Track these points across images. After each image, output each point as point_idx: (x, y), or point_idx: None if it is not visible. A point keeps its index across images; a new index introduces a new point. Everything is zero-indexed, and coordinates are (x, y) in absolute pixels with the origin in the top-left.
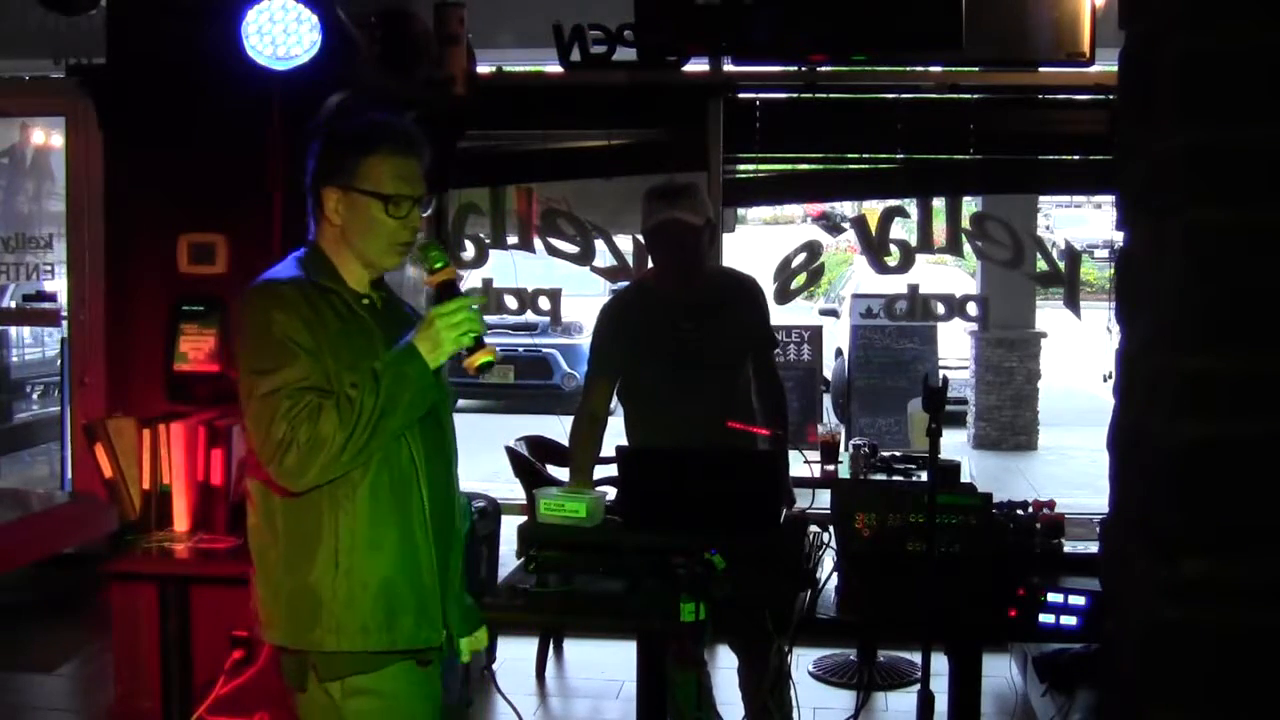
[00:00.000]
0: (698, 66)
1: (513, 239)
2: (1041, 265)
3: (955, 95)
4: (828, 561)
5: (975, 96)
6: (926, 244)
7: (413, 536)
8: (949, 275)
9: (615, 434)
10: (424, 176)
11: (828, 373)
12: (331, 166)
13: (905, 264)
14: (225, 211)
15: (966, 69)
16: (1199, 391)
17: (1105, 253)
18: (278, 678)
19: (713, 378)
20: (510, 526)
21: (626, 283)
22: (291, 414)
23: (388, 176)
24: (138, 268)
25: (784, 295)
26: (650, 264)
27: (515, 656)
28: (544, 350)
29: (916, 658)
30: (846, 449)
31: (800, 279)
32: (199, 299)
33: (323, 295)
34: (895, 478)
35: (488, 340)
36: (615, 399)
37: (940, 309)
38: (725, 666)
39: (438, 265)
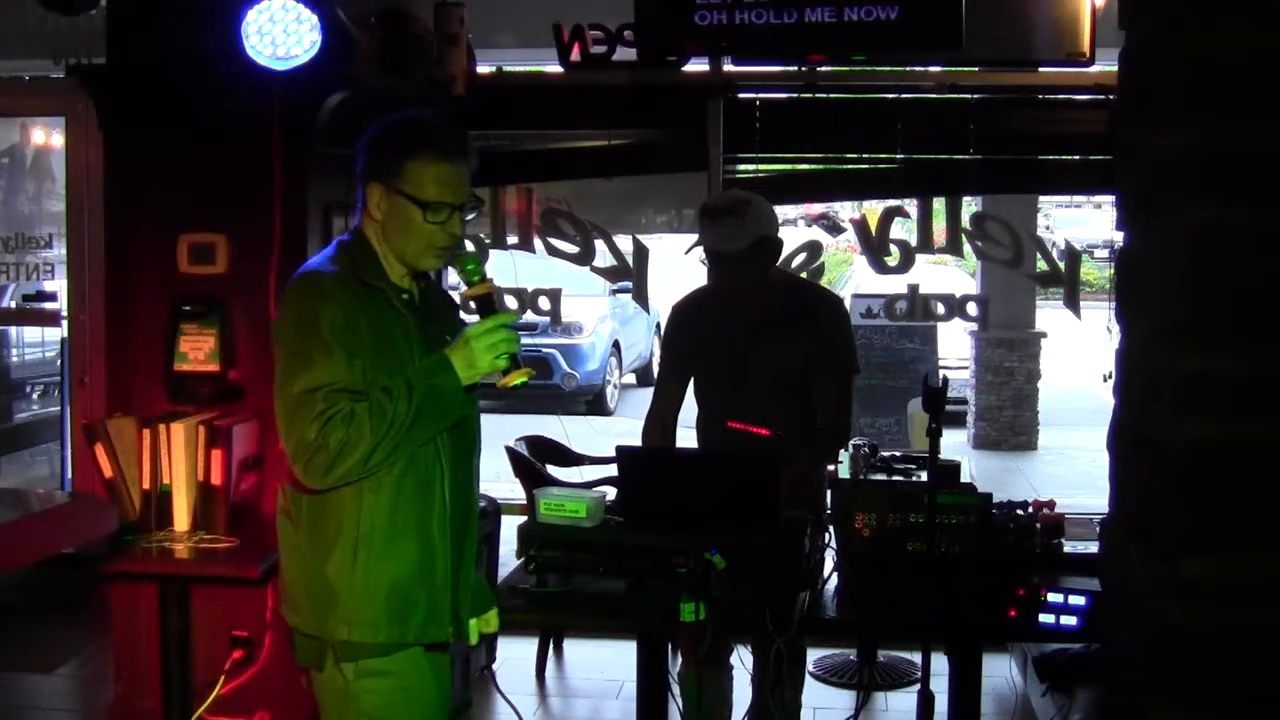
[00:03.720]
0: (698, 66)
1: (513, 239)
2: (1041, 265)
3: (955, 95)
4: (828, 561)
5: (975, 96)
6: (926, 244)
7: (430, 536)
8: (949, 275)
9: (618, 434)
10: (468, 181)
11: None
12: (378, 163)
13: (905, 264)
14: (225, 211)
15: (966, 69)
16: (1199, 391)
17: (1105, 253)
18: (278, 676)
19: (763, 395)
20: (510, 526)
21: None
22: (324, 417)
23: (429, 181)
24: (138, 268)
25: None
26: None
27: (515, 656)
28: (544, 350)
29: (916, 658)
30: (846, 449)
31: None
32: (199, 299)
33: (365, 291)
34: (895, 478)
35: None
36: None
37: (940, 309)
38: (739, 666)
39: (475, 279)
